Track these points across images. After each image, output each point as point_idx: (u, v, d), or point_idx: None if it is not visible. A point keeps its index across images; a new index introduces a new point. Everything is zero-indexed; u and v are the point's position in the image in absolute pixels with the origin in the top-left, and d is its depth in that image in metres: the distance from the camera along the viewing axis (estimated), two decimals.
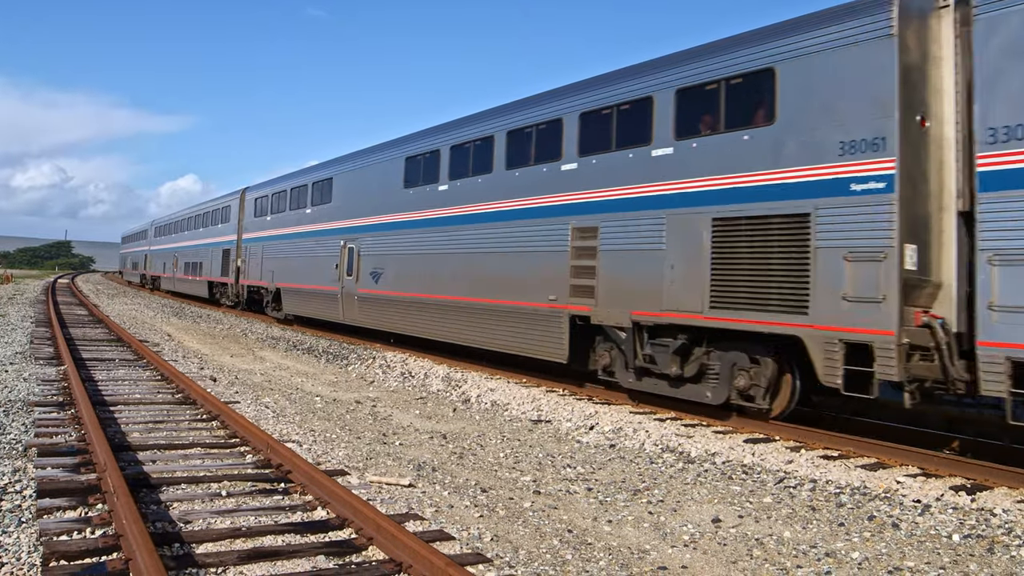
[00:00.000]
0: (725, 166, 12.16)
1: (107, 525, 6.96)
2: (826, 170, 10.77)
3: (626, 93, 14.19)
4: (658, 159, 13.30)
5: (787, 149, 11.31)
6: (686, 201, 12.72)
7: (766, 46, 11.75)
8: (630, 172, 13.86)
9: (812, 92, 11.05)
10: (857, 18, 10.60)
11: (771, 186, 11.45)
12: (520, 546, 7.16)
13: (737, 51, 12.23)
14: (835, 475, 10.00)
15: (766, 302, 11.39)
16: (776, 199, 11.37)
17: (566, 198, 15.36)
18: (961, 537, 7.82)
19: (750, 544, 7.51)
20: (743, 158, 11.89)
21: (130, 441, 10.31)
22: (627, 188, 13.86)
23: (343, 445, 11.07)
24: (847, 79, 10.64)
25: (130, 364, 18.06)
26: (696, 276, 12.43)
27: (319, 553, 6.58)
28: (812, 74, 11.07)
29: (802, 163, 11.10)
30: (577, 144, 15.22)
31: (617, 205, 14.09)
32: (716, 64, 12.47)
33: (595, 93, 15.01)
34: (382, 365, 20.36)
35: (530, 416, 14.10)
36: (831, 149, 10.75)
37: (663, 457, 11.14)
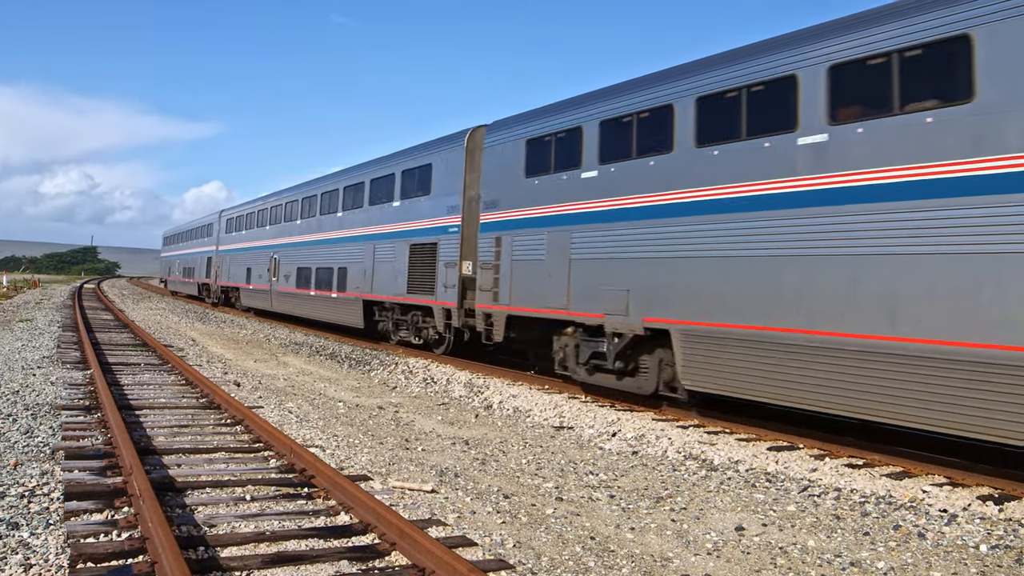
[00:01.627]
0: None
1: (133, 528, 7.03)
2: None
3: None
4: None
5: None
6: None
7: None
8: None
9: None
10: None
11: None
12: (543, 553, 7.16)
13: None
14: (860, 484, 9.92)
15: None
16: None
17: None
18: (989, 548, 7.73)
19: (774, 553, 7.46)
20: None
21: (155, 445, 10.40)
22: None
23: (366, 450, 11.11)
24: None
25: (155, 368, 18.22)
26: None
27: (342, 558, 6.61)
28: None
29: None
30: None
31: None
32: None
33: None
34: (404, 371, 20.41)
35: (552, 422, 14.09)
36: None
37: (686, 464, 11.09)
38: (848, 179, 10.64)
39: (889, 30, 10.38)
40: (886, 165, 10.18)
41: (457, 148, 20.89)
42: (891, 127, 10.21)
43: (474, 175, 19.99)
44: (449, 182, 21.09)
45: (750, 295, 11.89)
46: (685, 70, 13.71)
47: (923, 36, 10.02)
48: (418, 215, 22.50)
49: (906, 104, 10.12)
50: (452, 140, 21.39)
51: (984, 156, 9.20)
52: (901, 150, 10.03)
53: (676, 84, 13.66)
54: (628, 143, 14.59)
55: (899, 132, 10.10)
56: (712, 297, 12.51)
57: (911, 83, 10.15)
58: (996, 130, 9.13)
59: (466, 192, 20.26)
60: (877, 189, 10.27)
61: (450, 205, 20.86)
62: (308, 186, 33.10)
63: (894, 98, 10.25)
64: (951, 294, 9.37)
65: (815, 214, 10.96)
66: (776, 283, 11.47)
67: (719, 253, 12.50)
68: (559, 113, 16.62)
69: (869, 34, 10.61)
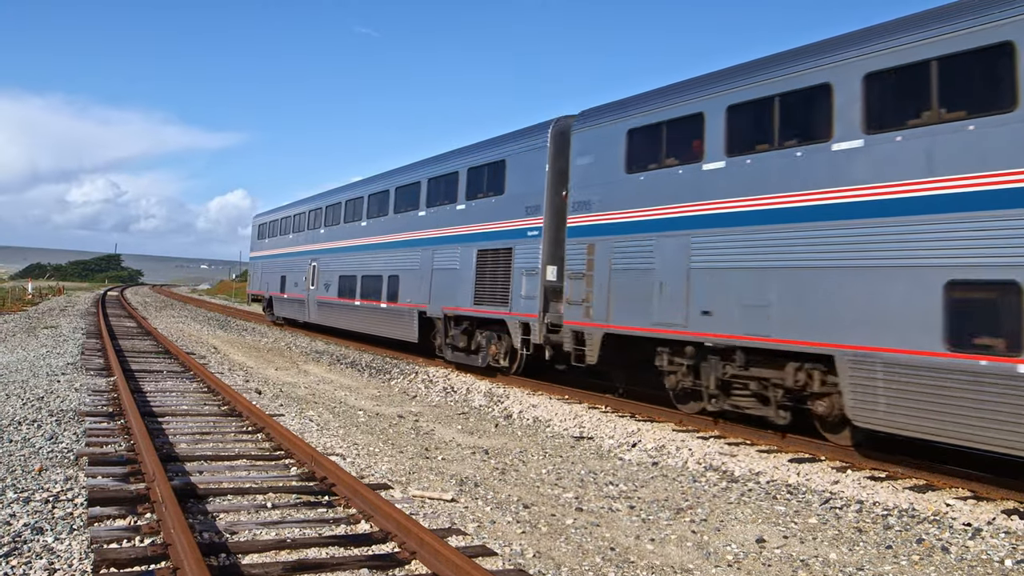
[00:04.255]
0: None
1: (156, 534, 7.08)
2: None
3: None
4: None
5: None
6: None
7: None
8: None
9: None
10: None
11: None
12: (562, 563, 7.14)
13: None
14: (882, 496, 9.84)
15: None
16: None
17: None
18: (1014, 563, 7.64)
19: (795, 565, 7.41)
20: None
21: (178, 452, 10.47)
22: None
23: (386, 459, 11.14)
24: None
25: (177, 376, 18.34)
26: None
27: (363, 566, 6.62)
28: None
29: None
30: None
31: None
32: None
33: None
34: (424, 380, 20.45)
35: (572, 432, 14.06)
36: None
37: (706, 476, 11.04)
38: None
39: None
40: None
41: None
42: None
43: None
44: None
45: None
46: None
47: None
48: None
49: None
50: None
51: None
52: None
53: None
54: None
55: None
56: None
57: None
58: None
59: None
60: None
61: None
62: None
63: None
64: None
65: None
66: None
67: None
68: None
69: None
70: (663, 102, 14.49)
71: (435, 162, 23.98)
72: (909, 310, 9.99)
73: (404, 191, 25.49)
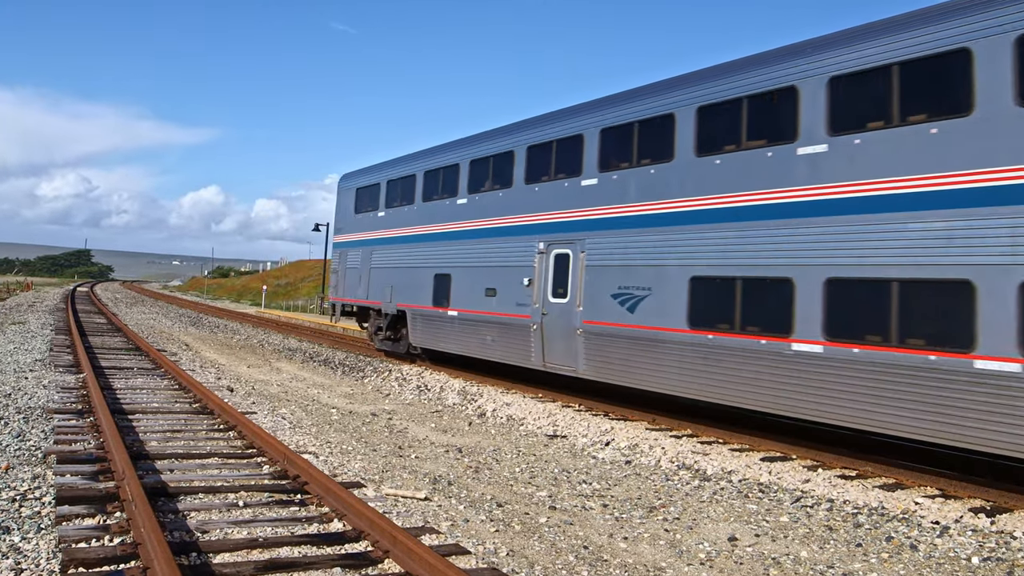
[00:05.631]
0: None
1: (125, 533, 7.00)
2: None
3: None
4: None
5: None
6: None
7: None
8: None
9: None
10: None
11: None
12: (536, 562, 7.15)
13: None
14: (853, 495, 9.94)
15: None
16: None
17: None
18: (980, 560, 7.74)
19: (767, 564, 7.47)
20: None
21: (148, 450, 10.37)
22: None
23: (359, 457, 11.09)
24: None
25: (148, 373, 18.17)
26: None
27: (335, 565, 6.59)
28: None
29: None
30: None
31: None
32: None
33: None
34: (398, 378, 20.40)
35: (546, 431, 14.08)
36: None
37: (679, 474, 11.10)
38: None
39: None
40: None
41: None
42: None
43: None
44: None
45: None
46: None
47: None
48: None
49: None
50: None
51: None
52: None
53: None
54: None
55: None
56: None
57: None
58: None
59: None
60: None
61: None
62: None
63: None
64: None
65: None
66: None
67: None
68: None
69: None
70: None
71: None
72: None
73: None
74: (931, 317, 9.83)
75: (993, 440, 9.12)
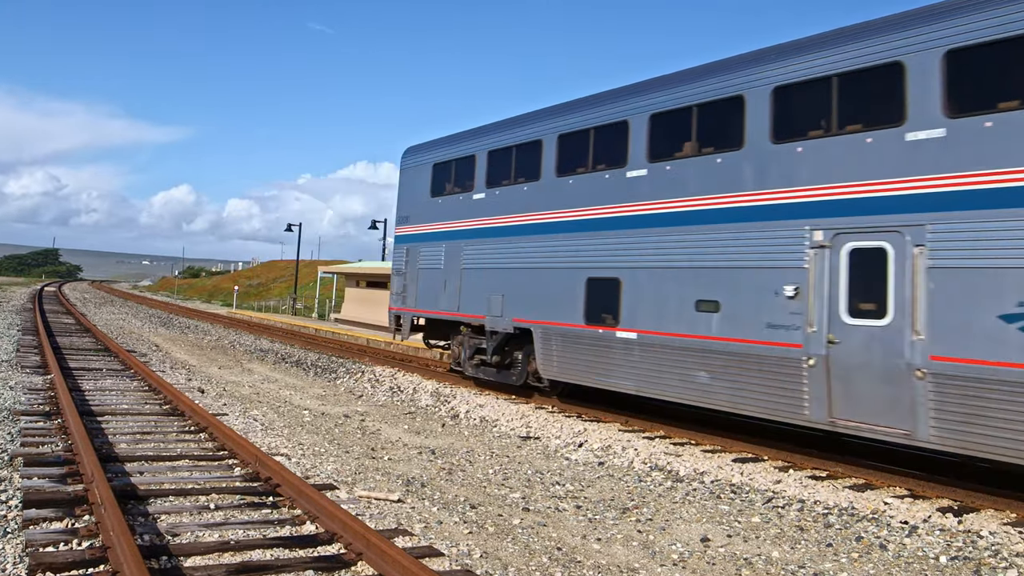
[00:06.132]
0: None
1: (94, 537, 6.92)
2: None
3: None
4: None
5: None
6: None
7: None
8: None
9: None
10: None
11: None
12: (509, 563, 7.15)
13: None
14: (823, 495, 10.03)
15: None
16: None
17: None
18: (948, 559, 7.84)
19: (739, 564, 7.52)
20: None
21: (118, 452, 10.26)
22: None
23: (332, 459, 11.04)
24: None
25: (118, 374, 17.97)
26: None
27: (308, 568, 6.55)
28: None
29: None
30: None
31: None
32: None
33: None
34: (371, 379, 20.32)
35: (519, 432, 14.09)
36: None
37: (652, 475, 11.14)
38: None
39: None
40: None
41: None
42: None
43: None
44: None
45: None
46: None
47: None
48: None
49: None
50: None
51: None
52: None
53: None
54: None
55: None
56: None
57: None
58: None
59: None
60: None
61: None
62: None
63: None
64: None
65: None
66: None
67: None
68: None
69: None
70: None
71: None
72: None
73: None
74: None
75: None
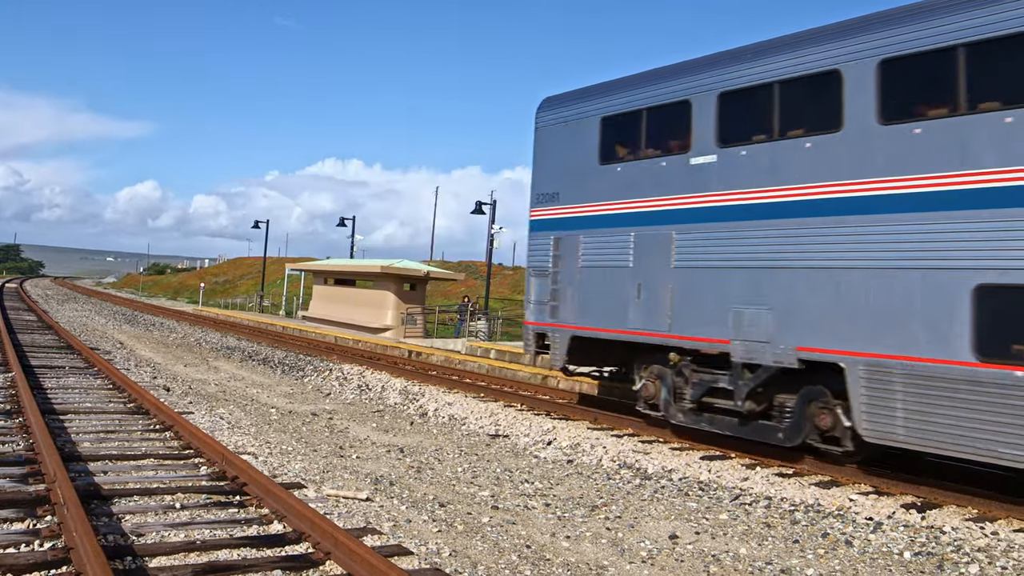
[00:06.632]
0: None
1: (57, 538, 6.81)
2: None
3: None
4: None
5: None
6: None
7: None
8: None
9: None
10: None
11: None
12: (479, 562, 7.14)
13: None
14: (790, 492, 10.12)
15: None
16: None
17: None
18: (912, 554, 7.95)
19: (707, 560, 7.56)
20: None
21: (81, 451, 10.11)
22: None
23: (299, 458, 10.96)
24: None
25: (81, 372, 17.72)
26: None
27: (276, 567, 6.50)
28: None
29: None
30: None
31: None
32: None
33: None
34: (339, 377, 20.21)
35: (488, 431, 14.07)
36: None
37: (620, 473, 11.18)
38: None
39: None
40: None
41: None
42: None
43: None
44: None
45: None
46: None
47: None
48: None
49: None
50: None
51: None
52: None
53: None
54: None
55: None
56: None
57: None
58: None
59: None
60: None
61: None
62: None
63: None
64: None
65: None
66: None
67: None
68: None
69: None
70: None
71: None
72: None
73: None
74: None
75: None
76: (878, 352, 9.89)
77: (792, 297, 10.93)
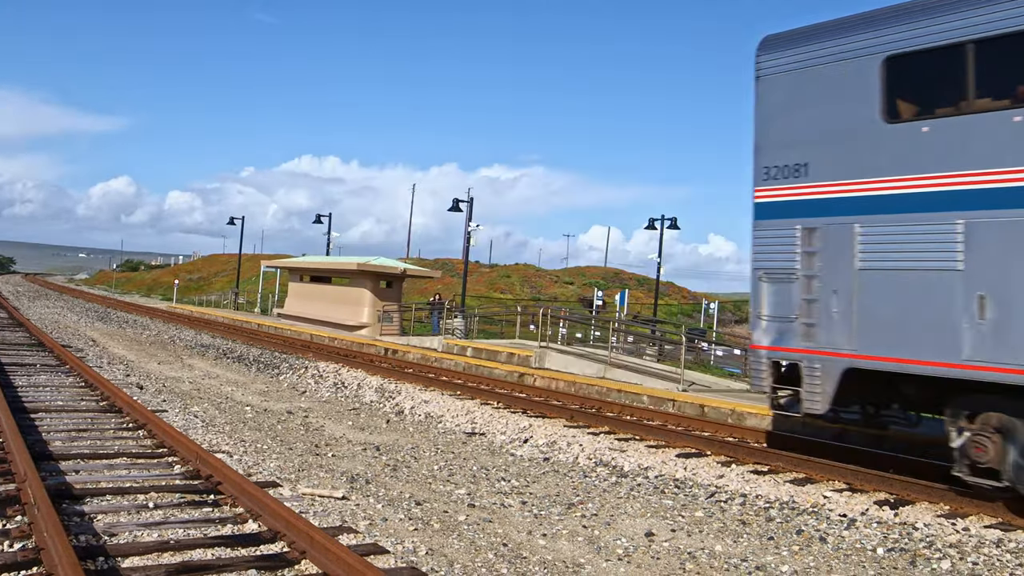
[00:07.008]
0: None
1: (27, 538, 6.71)
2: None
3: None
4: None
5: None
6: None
7: None
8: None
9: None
10: None
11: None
12: (455, 560, 7.12)
13: None
14: (765, 490, 10.18)
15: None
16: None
17: None
18: (885, 551, 8.02)
19: (683, 558, 7.59)
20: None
21: (52, 450, 9.98)
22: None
23: (274, 456, 10.89)
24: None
25: (52, 370, 17.51)
26: None
27: (251, 567, 6.44)
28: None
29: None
30: None
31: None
32: None
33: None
34: (314, 375, 20.11)
35: (464, 429, 14.06)
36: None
37: (597, 471, 11.20)
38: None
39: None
40: None
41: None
42: None
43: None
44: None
45: None
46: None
47: None
48: None
49: None
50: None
51: None
52: None
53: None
54: None
55: None
56: None
57: None
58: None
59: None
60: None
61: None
62: None
63: None
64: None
65: None
66: None
67: None
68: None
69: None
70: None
71: None
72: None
73: None
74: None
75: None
76: None
77: None
